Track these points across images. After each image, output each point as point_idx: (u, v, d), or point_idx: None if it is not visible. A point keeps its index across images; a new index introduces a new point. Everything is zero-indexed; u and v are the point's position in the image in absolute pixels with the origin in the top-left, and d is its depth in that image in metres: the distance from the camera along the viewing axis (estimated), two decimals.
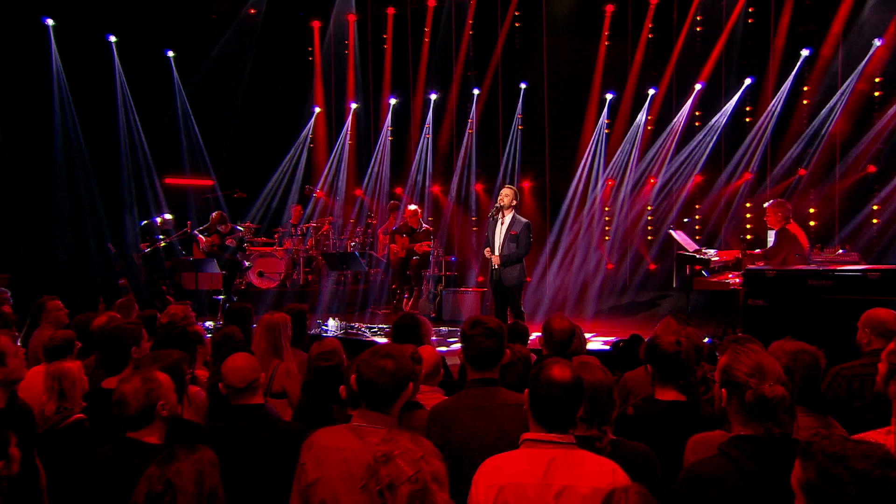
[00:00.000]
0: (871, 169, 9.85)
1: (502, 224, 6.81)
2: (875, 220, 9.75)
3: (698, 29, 11.11)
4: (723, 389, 2.30)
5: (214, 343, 4.42)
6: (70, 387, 3.39)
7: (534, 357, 4.04)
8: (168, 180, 11.32)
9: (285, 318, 4.45)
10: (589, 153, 11.81)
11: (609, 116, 11.84)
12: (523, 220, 6.83)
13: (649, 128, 11.60)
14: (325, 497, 2.30)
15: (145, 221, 9.58)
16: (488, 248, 6.93)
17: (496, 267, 6.73)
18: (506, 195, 6.78)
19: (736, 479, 2.12)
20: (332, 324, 8.21)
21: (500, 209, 6.79)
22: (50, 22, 9.63)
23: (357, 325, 8.64)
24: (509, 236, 6.68)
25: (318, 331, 7.84)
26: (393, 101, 12.85)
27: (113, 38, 10.52)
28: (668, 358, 3.06)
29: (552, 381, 2.23)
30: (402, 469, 1.79)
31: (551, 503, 2.14)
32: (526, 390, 2.34)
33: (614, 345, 4.99)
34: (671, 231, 7.99)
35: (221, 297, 9.34)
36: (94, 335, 4.28)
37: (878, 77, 9.81)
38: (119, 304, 5.94)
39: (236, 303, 5.64)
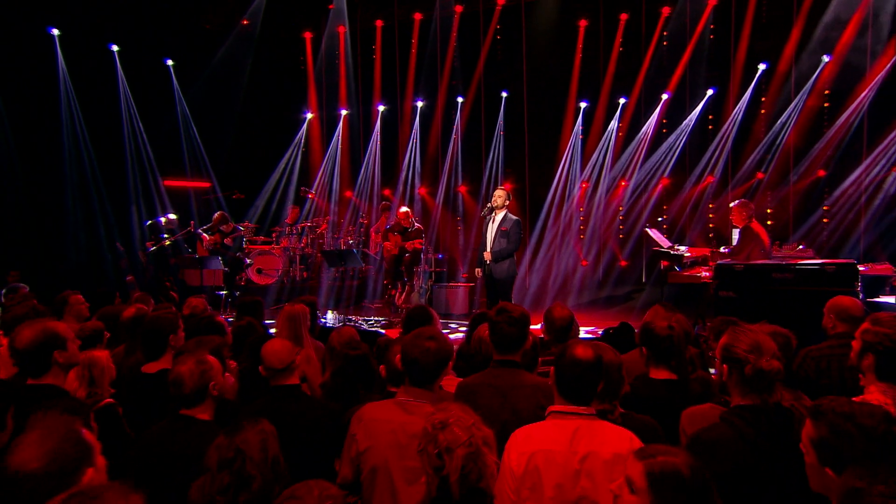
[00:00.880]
0: (822, 173, 10.16)
1: (493, 222, 6.95)
2: (825, 220, 10.08)
3: (665, 44, 11.28)
4: (724, 365, 2.45)
5: (234, 333, 4.48)
6: (100, 374, 3.42)
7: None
8: (167, 182, 11.24)
9: (304, 308, 4.52)
10: (566, 158, 11.93)
11: (584, 123, 12.00)
12: (514, 217, 6.94)
13: (620, 134, 11.78)
14: (377, 463, 2.40)
15: (150, 221, 9.50)
16: (479, 269, 7.06)
17: (488, 264, 6.86)
18: (498, 196, 6.90)
19: (737, 443, 2.27)
20: (331, 316, 8.26)
21: (493, 209, 6.92)
22: (55, 32, 9.52)
23: (353, 317, 8.71)
24: (500, 232, 6.79)
25: (319, 322, 7.87)
26: (382, 108, 12.87)
27: (115, 48, 10.43)
28: (662, 341, 3.20)
29: (577, 359, 2.35)
30: (457, 434, 1.91)
31: (577, 467, 2.26)
32: (551, 368, 2.47)
33: (605, 332, 5.14)
34: (647, 229, 8.15)
35: (223, 292, 9.33)
36: (123, 325, 4.31)
37: (826, 90, 10.09)
38: (136, 298, 5.94)
39: (248, 296, 5.66)
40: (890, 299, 6.59)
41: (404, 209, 9.24)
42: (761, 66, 10.43)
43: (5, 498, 1.64)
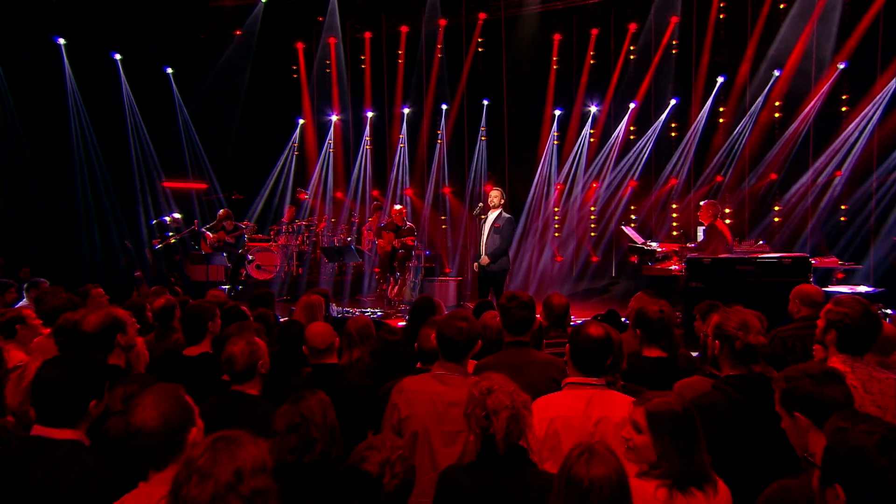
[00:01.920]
0: (774, 177, 10.52)
1: (485, 220, 7.11)
2: (777, 219, 10.49)
3: (632, 57, 11.53)
4: (716, 341, 2.66)
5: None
6: (136, 359, 3.53)
7: None
8: (165, 184, 11.19)
9: (320, 298, 4.67)
10: (543, 161, 12.12)
11: (559, 129, 12.18)
12: (507, 216, 7.10)
13: (593, 140, 11.99)
14: (417, 429, 2.56)
15: (155, 220, 9.47)
16: (477, 263, 7.19)
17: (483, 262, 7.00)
18: (494, 196, 7.04)
19: (729, 408, 2.48)
20: (331, 307, 8.34)
21: (488, 208, 7.07)
22: (61, 41, 9.42)
23: (350, 309, 8.82)
24: (493, 229, 6.96)
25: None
26: (371, 115, 12.93)
27: (118, 56, 10.35)
28: (654, 323, 3.40)
29: (591, 337, 2.55)
30: (501, 399, 2.08)
31: (591, 430, 2.45)
32: (567, 345, 2.66)
33: (594, 318, 5.34)
34: (623, 227, 8.41)
35: (226, 287, 9.34)
36: (154, 314, 4.39)
37: (777, 102, 10.43)
38: (153, 291, 5.99)
39: (261, 289, 5.77)
40: (836, 288, 6.97)
41: (398, 207, 9.36)
42: (720, 79, 10.71)
43: (130, 450, 1.80)
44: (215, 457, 1.44)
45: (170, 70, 11.33)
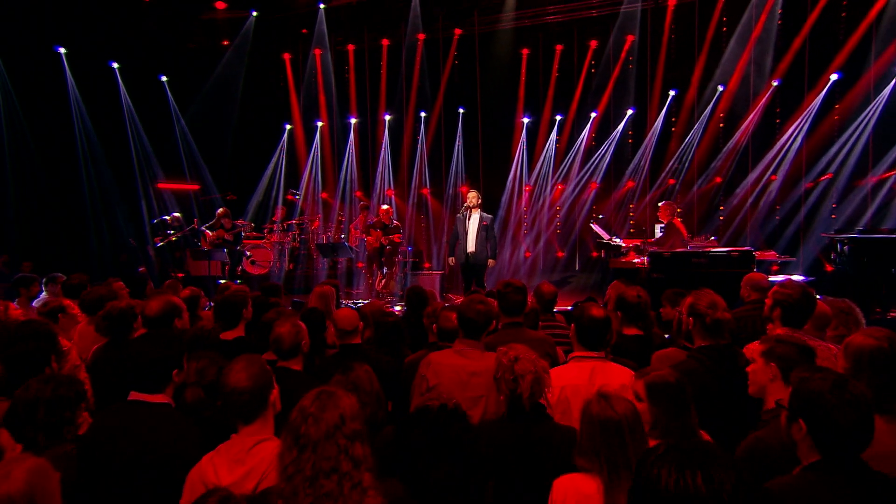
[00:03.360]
0: (719, 180, 11.10)
1: (470, 219, 7.38)
2: (721, 218, 11.05)
3: (593, 71, 11.93)
4: (690, 318, 2.99)
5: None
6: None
7: None
8: (159, 185, 11.10)
9: (332, 289, 4.87)
10: (515, 165, 12.41)
11: (528, 136, 12.48)
12: (489, 215, 7.42)
13: (559, 146, 12.33)
14: (444, 395, 2.82)
15: (156, 220, 9.42)
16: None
17: (469, 254, 7.29)
18: (474, 196, 7.33)
19: (702, 373, 2.78)
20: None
21: (469, 208, 7.35)
22: (62, 50, 9.29)
23: (343, 301, 8.95)
24: (482, 227, 7.24)
25: None
26: (354, 121, 13.02)
27: (115, 65, 10.24)
28: (633, 307, 3.70)
29: (594, 317, 2.83)
30: (526, 365, 2.36)
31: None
32: (572, 325, 2.95)
33: (575, 304, 5.66)
34: (591, 224, 8.75)
35: (223, 281, 9.36)
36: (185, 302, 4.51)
37: (722, 114, 10.96)
38: (167, 285, 6.07)
39: (269, 282, 5.93)
40: (774, 278, 7.49)
41: (385, 207, 9.55)
42: (672, 93, 11.17)
43: (227, 406, 2.02)
44: (323, 405, 1.69)
45: (164, 78, 11.25)
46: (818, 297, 3.40)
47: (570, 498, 1.89)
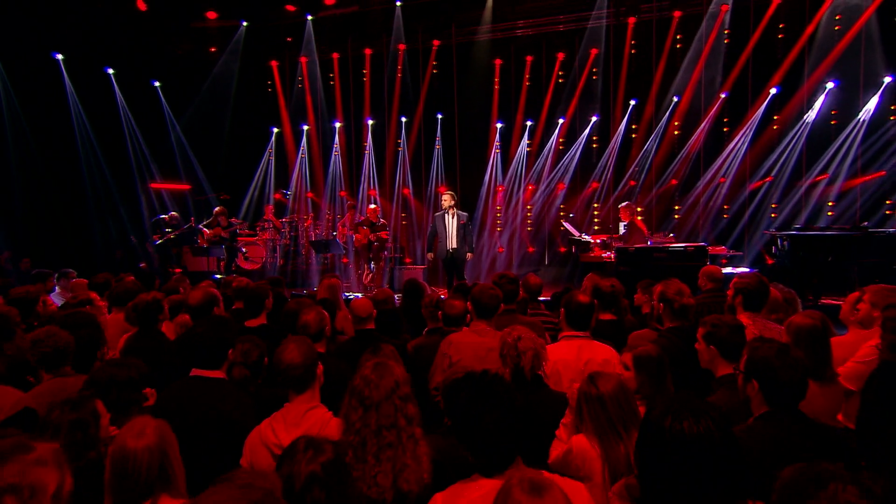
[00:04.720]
0: (674, 182, 11.61)
1: (451, 218, 7.67)
2: (676, 216, 11.58)
3: (561, 80, 12.28)
4: (660, 304, 3.37)
5: None
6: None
7: None
8: (152, 185, 11.04)
9: (338, 281, 5.10)
10: (490, 167, 12.70)
11: (501, 140, 12.74)
12: (464, 213, 7.72)
13: (530, 149, 12.64)
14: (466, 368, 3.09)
15: (154, 219, 9.41)
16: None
17: (451, 250, 7.58)
18: (450, 197, 7.60)
19: (671, 349, 3.13)
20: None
21: (447, 209, 7.64)
22: (60, 56, 9.19)
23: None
24: (460, 226, 7.54)
25: None
26: (338, 125, 13.13)
27: (111, 70, 10.15)
28: (608, 295, 4.05)
29: (580, 302, 3.16)
30: (527, 343, 2.66)
31: (581, 368, 3.02)
32: (562, 309, 3.26)
33: (554, 294, 6.01)
34: (563, 223, 9.08)
35: (220, 276, 9.42)
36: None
37: (677, 122, 11.48)
38: (175, 279, 6.18)
39: (274, 276, 6.11)
40: (725, 270, 8.00)
41: (372, 206, 9.75)
42: (632, 102, 11.55)
43: (283, 380, 2.27)
44: (381, 373, 1.97)
45: (157, 83, 11.18)
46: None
47: (575, 449, 2.21)
